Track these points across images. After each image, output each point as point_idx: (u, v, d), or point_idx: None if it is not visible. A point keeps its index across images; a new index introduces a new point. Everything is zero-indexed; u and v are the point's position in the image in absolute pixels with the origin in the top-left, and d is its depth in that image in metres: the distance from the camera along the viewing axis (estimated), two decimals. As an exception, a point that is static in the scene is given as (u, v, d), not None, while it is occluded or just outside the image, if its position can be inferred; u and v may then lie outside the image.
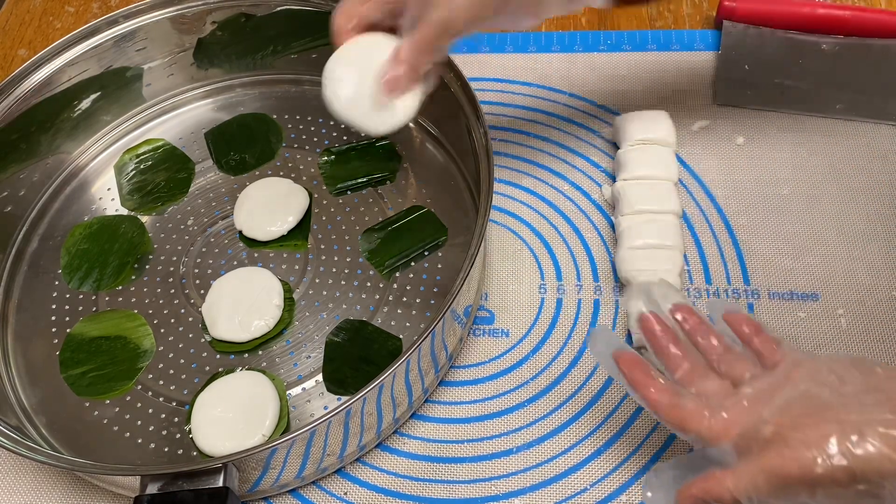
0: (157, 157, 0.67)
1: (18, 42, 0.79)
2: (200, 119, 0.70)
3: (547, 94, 0.70)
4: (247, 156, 0.67)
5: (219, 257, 0.61)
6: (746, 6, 0.70)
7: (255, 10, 0.66)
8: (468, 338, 0.57)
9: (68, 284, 0.61)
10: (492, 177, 0.52)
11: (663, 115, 0.63)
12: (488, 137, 0.54)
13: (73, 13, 0.81)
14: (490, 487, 0.51)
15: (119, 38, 0.65)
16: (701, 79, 0.69)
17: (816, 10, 0.69)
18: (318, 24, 0.66)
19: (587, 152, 0.66)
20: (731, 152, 0.65)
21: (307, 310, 0.58)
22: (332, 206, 0.63)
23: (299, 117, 0.69)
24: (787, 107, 0.67)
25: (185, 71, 0.69)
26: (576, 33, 0.73)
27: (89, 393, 0.55)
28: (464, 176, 0.63)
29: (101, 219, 0.64)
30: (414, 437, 0.53)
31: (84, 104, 0.66)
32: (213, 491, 0.43)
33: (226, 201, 0.64)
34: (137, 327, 0.58)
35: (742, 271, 0.59)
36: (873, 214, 0.61)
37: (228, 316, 0.57)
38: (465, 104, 0.57)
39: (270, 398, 0.53)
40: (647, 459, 0.51)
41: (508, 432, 0.53)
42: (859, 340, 0.55)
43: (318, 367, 0.55)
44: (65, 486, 0.53)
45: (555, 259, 0.60)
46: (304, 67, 0.70)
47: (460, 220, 0.61)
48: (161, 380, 0.56)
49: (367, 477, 0.52)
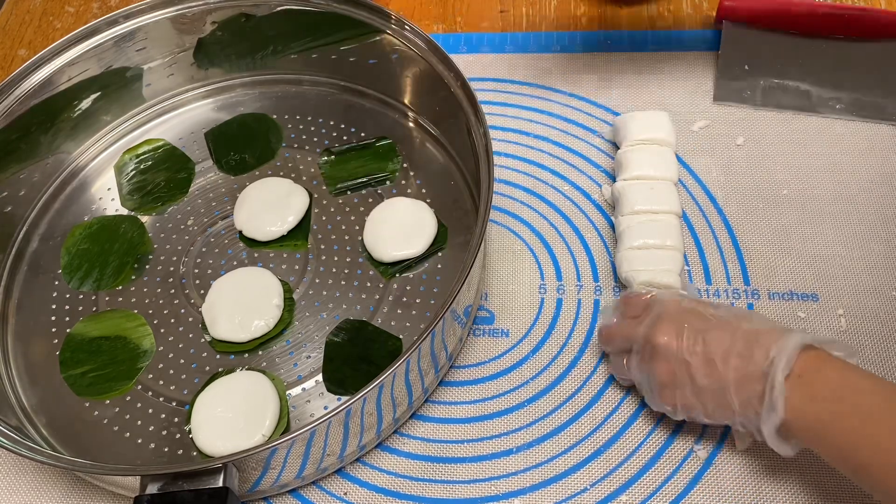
0: (157, 157, 0.67)
1: (18, 42, 0.79)
2: (200, 119, 0.70)
3: (547, 94, 0.70)
4: (247, 156, 0.67)
5: (219, 257, 0.61)
6: (746, 6, 0.70)
7: (255, 10, 0.66)
8: (468, 338, 0.57)
9: (68, 284, 0.61)
10: (492, 177, 0.52)
11: (663, 115, 0.63)
12: (488, 137, 0.54)
13: (73, 13, 0.81)
14: (490, 487, 0.51)
15: (119, 38, 0.65)
16: (701, 79, 0.69)
17: (816, 10, 0.69)
18: (317, 24, 0.66)
19: (587, 152, 0.66)
20: (731, 152, 0.65)
21: (307, 310, 0.58)
22: (332, 206, 0.63)
23: (299, 117, 0.69)
24: (787, 107, 0.67)
25: (185, 71, 0.69)
26: (576, 33, 0.73)
27: (89, 393, 0.55)
28: (464, 176, 0.63)
29: (101, 219, 0.64)
30: (414, 438, 0.53)
31: (84, 104, 0.66)
32: (213, 491, 0.43)
33: (226, 201, 0.64)
34: (137, 327, 0.58)
35: (742, 271, 0.59)
36: (873, 214, 0.61)
37: (228, 316, 0.57)
38: (465, 104, 0.57)
39: (270, 398, 0.53)
40: (647, 459, 0.51)
41: (508, 432, 0.53)
42: (859, 340, 0.55)
43: (317, 367, 0.55)
44: (65, 486, 0.53)
45: (555, 259, 0.60)
46: (304, 67, 0.70)
47: (460, 220, 0.61)
48: (161, 380, 0.56)
49: (367, 477, 0.52)
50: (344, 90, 0.70)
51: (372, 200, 0.63)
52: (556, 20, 0.75)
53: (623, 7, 0.75)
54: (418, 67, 0.63)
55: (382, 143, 0.66)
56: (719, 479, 0.50)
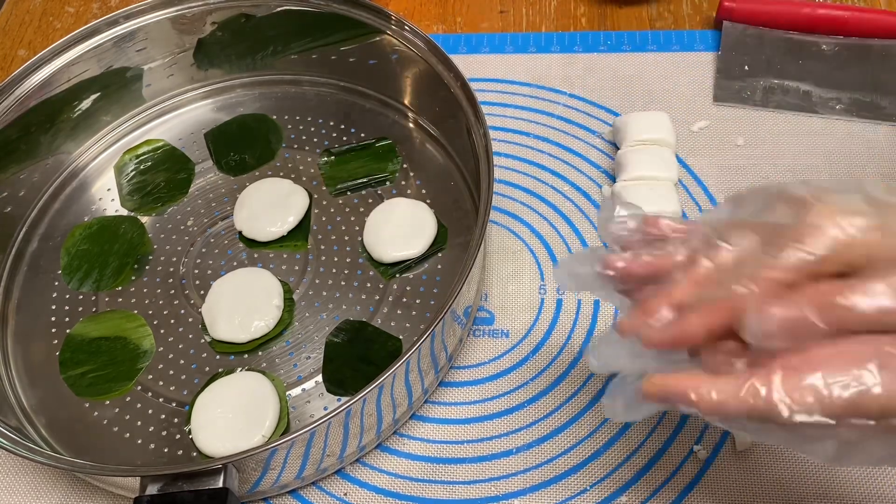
0: (156, 157, 0.67)
1: (18, 42, 0.79)
2: (200, 119, 0.70)
3: (547, 94, 0.70)
4: (247, 156, 0.67)
5: (219, 258, 0.61)
6: (746, 6, 0.70)
7: (255, 10, 0.66)
8: (468, 338, 0.57)
9: (68, 285, 0.61)
10: (492, 177, 0.52)
11: (663, 116, 0.63)
12: (488, 137, 0.54)
13: (73, 13, 0.81)
14: (490, 488, 0.51)
15: (119, 38, 0.65)
16: (701, 79, 0.69)
17: (816, 10, 0.69)
18: (317, 24, 0.66)
19: (587, 152, 0.66)
20: (731, 152, 0.65)
21: (307, 310, 0.58)
22: (332, 206, 0.63)
23: (299, 118, 0.69)
24: (787, 107, 0.67)
25: (185, 71, 0.69)
26: (576, 34, 0.73)
27: (89, 393, 0.55)
28: (464, 176, 0.63)
29: (100, 219, 0.64)
30: (414, 438, 0.53)
31: (84, 104, 0.66)
32: (212, 492, 0.43)
33: (226, 202, 0.64)
34: (137, 328, 0.58)
35: (742, 271, 0.59)
36: (873, 215, 0.61)
37: (228, 316, 0.57)
38: (465, 104, 0.57)
39: (270, 399, 0.53)
40: (646, 460, 0.51)
41: (508, 433, 0.53)
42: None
43: (317, 368, 0.55)
44: (64, 487, 0.53)
45: (555, 260, 0.60)
46: (303, 68, 0.70)
47: (460, 220, 0.61)
48: (161, 380, 0.56)
49: (367, 478, 0.52)
50: (344, 90, 0.69)
51: (372, 201, 0.63)
52: (556, 20, 0.75)
53: (623, 7, 0.75)
54: (418, 68, 0.63)
55: (382, 143, 0.66)
56: (719, 479, 0.50)
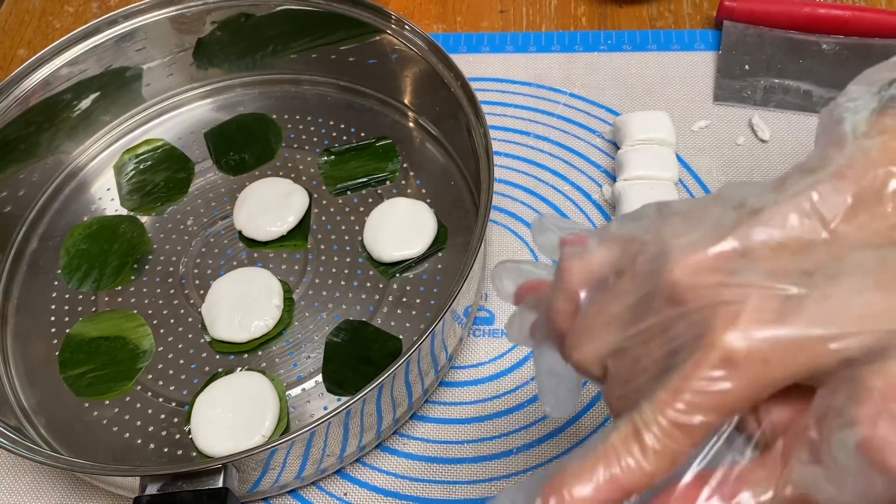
0: (156, 157, 0.67)
1: (18, 42, 0.79)
2: (200, 119, 0.70)
3: (547, 94, 0.70)
4: (246, 156, 0.67)
5: (218, 257, 0.61)
6: (747, 6, 0.70)
7: (255, 10, 0.66)
8: (468, 338, 0.57)
9: (68, 285, 0.61)
10: (492, 177, 0.52)
11: (663, 115, 0.63)
12: (488, 137, 0.54)
13: (72, 13, 0.81)
14: (490, 488, 0.51)
15: (119, 38, 0.64)
16: (701, 79, 0.69)
17: (816, 10, 0.69)
18: (317, 24, 0.66)
19: (587, 152, 0.66)
20: (730, 152, 0.65)
21: (307, 310, 0.58)
22: (332, 206, 0.63)
23: (299, 117, 0.69)
24: (787, 107, 0.67)
25: (184, 71, 0.69)
26: (576, 33, 0.73)
27: (89, 393, 0.55)
28: (464, 176, 0.63)
29: (100, 219, 0.64)
30: (414, 438, 0.53)
31: (83, 104, 0.66)
32: (212, 492, 0.43)
33: (225, 201, 0.64)
34: (137, 328, 0.58)
35: (742, 271, 0.59)
36: (874, 214, 0.61)
37: (228, 316, 0.56)
38: (466, 104, 0.57)
39: (270, 399, 0.53)
40: (647, 460, 0.51)
41: (509, 433, 0.53)
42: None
43: (317, 368, 0.55)
44: (64, 487, 0.53)
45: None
46: (303, 67, 0.70)
47: (460, 220, 0.61)
48: (160, 380, 0.56)
49: (367, 478, 0.52)
50: (344, 90, 0.69)
51: (372, 200, 0.63)
52: (556, 20, 0.75)
53: (623, 6, 0.75)
54: (418, 67, 0.62)
55: (382, 143, 0.66)
56: (720, 480, 0.50)
